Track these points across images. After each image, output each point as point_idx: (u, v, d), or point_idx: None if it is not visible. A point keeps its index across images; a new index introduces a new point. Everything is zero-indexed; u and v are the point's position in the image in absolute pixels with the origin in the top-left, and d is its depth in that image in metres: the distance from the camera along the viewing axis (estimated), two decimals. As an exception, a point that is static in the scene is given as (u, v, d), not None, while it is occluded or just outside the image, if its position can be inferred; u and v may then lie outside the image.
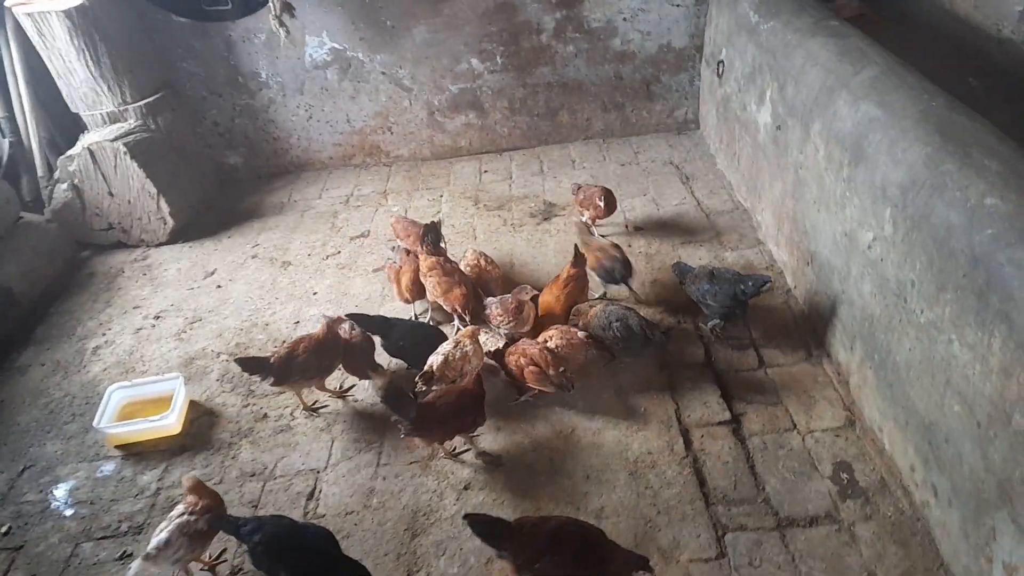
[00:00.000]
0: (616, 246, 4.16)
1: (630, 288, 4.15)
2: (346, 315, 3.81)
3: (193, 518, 2.75)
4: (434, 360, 3.37)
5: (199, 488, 2.85)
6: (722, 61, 5.24)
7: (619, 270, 4.01)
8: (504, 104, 6.02)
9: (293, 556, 2.61)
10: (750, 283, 3.59)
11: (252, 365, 3.45)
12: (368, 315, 3.81)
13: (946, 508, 2.59)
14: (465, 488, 3.18)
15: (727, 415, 3.40)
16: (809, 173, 3.67)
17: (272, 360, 3.43)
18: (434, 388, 3.29)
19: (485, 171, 5.95)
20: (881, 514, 2.85)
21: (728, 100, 5.16)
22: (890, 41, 3.65)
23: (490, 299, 3.87)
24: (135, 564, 2.70)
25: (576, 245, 4.00)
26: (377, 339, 3.72)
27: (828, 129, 3.38)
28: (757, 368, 3.67)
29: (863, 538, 2.77)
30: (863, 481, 2.99)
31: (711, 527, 2.89)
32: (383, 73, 5.80)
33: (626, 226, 4.89)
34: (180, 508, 2.82)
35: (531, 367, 3.31)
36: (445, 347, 3.44)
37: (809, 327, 3.83)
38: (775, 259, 4.40)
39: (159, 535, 2.72)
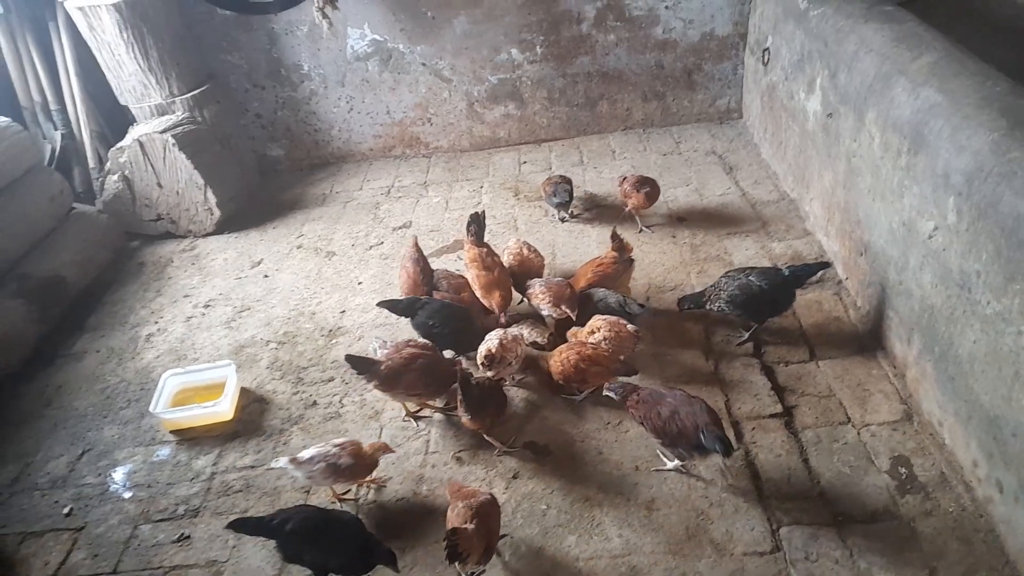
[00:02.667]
0: (562, 176, 4.99)
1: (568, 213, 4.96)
2: (377, 303, 3.86)
3: (340, 454, 3.00)
4: (491, 344, 3.44)
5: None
6: (767, 49, 5.14)
7: (560, 193, 4.78)
8: (543, 94, 6.00)
9: (324, 541, 2.68)
10: (753, 274, 3.56)
11: (361, 364, 3.37)
12: (396, 299, 3.84)
13: (1012, 505, 2.53)
14: (514, 477, 3.19)
15: (779, 408, 3.35)
16: (863, 162, 3.59)
17: (383, 368, 3.33)
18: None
19: (524, 162, 5.93)
20: (942, 510, 2.79)
21: (774, 88, 5.07)
22: (946, 26, 3.55)
23: (535, 279, 3.88)
24: (282, 459, 3.03)
25: (613, 230, 4.02)
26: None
27: (884, 117, 3.30)
28: (808, 360, 3.61)
29: (924, 534, 2.72)
30: (922, 476, 2.93)
31: (765, 520, 2.85)
32: (423, 64, 5.81)
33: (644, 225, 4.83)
34: (337, 445, 3.04)
35: (594, 368, 3.29)
36: (496, 332, 3.54)
37: (862, 319, 3.76)
38: (825, 249, 4.32)
39: (309, 451, 3.03)
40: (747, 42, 5.69)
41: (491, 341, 3.49)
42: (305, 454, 3.02)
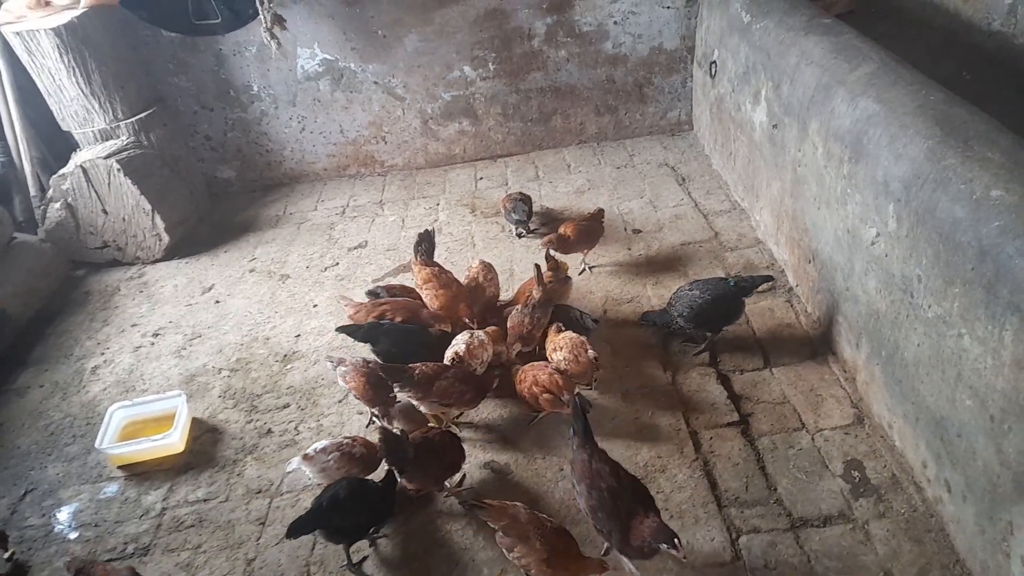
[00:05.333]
0: (521, 193, 5.05)
1: (525, 229, 4.98)
2: (336, 328, 3.76)
3: (353, 444, 3.10)
4: (458, 347, 3.45)
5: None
6: (715, 62, 5.25)
7: (519, 210, 4.83)
8: (497, 110, 6.02)
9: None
10: (697, 287, 3.64)
11: (394, 373, 3.26)
12: (356, 324, 3.73)
13: (960, 504, 2.58)
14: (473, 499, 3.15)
15: (735, 416, 3.39)
16: (808, 171, 3.67)
17: (416, 373, 3.26)
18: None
19: (481, 178, 5.94)
20: (894, 511, 2.84)
21: (722, 100, 5.16)
22: (882, 37, 3.67)
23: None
24: (295, 459, 3.08)
25: (546, 252, 4.16)
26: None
27: (826, 126, 3.38)
28: (763, 368, 3.66)
29: (877, 536, 2.76)
30: (875, 479, 2.98)
31: (725, 530, 2.87)
32: (375, 83, 5.79)
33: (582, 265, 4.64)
34: (348, 438, 3.16)
35: (545, 395, 3.26)
36: (462, 337, 3.53)
37: (813, 325, 3.83)
38: (775, 258, 4.40)
39: (321, 442, 3.11)
40: (695, 55, 5.80)
41: (458, 344, 3.49)
42: (316, 447, 3.09)
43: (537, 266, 3.77)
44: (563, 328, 3.60)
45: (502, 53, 5.76)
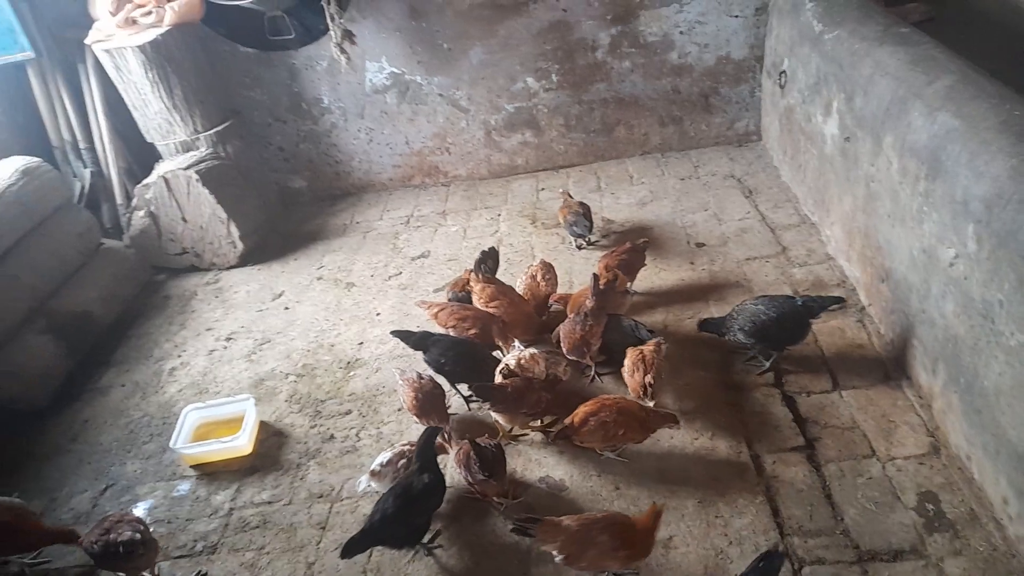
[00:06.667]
0: (581, 204, 4.97)
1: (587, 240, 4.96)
2: (391, 332, 3.90)
3: (409, 449, 3.22)
4: (509, 361, 3.49)
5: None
6: (784, 72, 5.11)
7: (581, 223, 4.79)
8: (560, 121, 6.02)
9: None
10: (762, 303, 3.55)
11: (484, 392, 3.38)
12: (410, 331, 3.85)
13: (1045, 544, 2.43)
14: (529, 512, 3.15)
15: (800, 440, 3.28)
16: (882, 186, 3.53)
17: (510, 390, 3.35)
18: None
19: (542, 189, 5.95)
20: (972, 548, 2.69)
21: (792, 111, 5.02)
22: (963, 46, 3.49)
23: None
24: (363, 478, 3.20)
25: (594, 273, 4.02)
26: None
27: (901, 141, 3.25)
28: (831, 390, 3.53)
29: (953, 574, 2.62)
30: (951, 513, 2.83)
31: (788, 560, 2.78)
32: (440, 95, 5.88)
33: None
34: (407, 445, 3.28)
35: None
36: (514, 352, 3.60)
37: (886, 347, 3.67)
38: (847, 275, 4.24)
39: (382, 455, 3.23)
40: (763, 65, 5.66)
41: (509, 359, 3.53)
42: (380, 460, 3.21)
43: (595, 275, 3.75)
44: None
45: (565, 64, 5.76)
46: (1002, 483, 2.67)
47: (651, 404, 3.31)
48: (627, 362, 3.48)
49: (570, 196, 5.13)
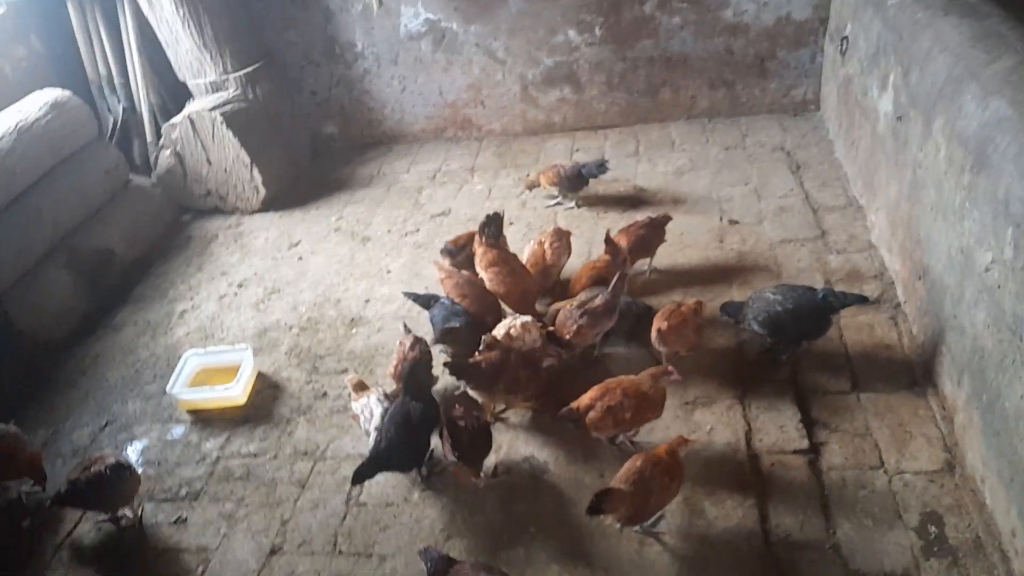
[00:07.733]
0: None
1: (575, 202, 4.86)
2: (403, 292, 3.89)
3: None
4: (497, 332, 3.37)
5: None
6: (846, 37, 4.67)
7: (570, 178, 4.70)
8: (602, 79, 5.71)
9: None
10: (779, 293, 3.30)
11: (459, 369, 3.26)
12: (418, 293, 3.83)
13: (1052, 590, 2.19)
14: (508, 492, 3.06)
15: (805, 443, 3.05)
16: (928, 175, 3.18)
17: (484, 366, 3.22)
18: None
19: (577, 150, 5.68)
20: (971, 581, 2.47)
21: (850, 81, 4.60)
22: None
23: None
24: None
25: (607, 233, 3.87)
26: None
27: (951, 126, 2.89)
28: (849, 391, 3.26)
29: (945, 608, 2.41)
30: (954, 538, 2.59)
31: (766, 571, 2.61)
32: (476, 45, 5.64)
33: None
34: None
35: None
36: (505, 321, 3.46)
37: (916, 350, 3.37)
38: (886, 267, 3.90)
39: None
40: (827, 28, 5.20)
41: (498, 329, 3.42)
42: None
43: (609, 240, 3.56)
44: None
45: (610, 18, 5.42)
46: (1013, 514, 2.41)
47: (663, 351, 3.30)
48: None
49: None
